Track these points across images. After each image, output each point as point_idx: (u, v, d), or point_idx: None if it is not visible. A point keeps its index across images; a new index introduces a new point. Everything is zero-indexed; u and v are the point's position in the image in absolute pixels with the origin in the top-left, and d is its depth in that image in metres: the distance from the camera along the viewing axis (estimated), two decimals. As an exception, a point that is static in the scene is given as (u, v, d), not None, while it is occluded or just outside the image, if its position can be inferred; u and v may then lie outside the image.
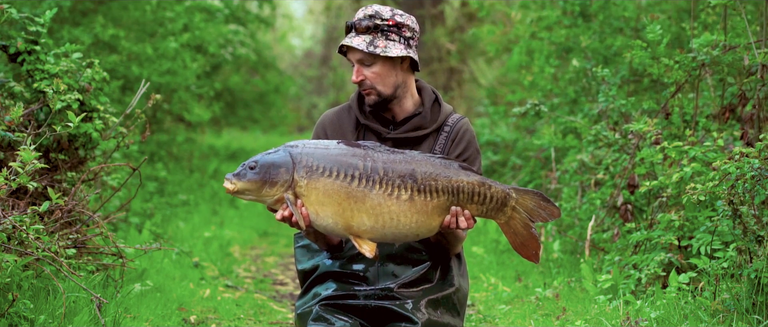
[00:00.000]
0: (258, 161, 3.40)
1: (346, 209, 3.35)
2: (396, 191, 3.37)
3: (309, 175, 3.36)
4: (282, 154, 3.40)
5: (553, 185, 8.11)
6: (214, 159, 14.75)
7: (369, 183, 3.36)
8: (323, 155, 3.39)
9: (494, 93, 12.82)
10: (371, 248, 3.38)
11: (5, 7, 4.82)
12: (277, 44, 25.58)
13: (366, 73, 3.55)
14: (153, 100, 5.39)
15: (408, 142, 3.64)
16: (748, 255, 4.43)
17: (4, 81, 4.95)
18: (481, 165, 3.75)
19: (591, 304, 5.27)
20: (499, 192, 3.45)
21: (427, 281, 3.66)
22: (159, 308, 5.02)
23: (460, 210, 3.43)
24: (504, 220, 3.49)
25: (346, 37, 3.56)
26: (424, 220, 3.40)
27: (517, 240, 3.51)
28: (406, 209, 3.37)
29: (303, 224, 3.38)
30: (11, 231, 4.08)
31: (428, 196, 3.39)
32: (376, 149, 3.45)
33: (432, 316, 3.63)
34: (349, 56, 3.59)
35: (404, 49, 3.55)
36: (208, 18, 11.87)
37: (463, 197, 3.43)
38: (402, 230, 3.39)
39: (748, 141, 5.39)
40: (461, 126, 3.68)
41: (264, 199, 3.41)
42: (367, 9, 3.57)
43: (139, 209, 8.23)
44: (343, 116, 3.72)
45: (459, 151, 3.65)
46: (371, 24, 3.53)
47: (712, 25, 6.79)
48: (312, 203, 3.37)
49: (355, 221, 3.36)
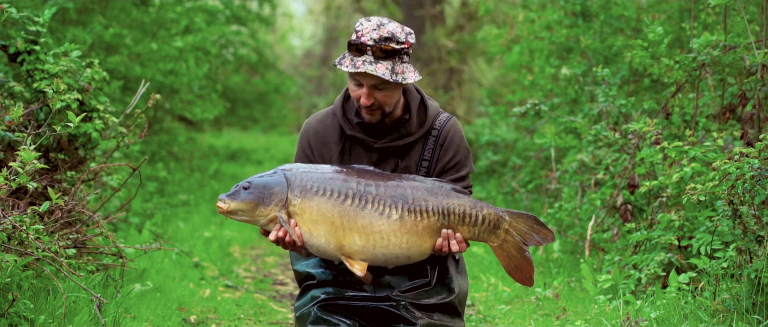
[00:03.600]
0: (252, 182, 3.39)
1: (339, 228, 3.35)
2: (387, 210, 3.35)
3: (303, 194, 3.36)
4: (276, 175, 3.40)
5: (553, 185, 8.11)
6: (215, 159, 14.76)
7: (362, 202, 3.35)
8: (317, 176, 3.38)
9: (494, 93, 12.82)
10: (362, 268, 3.37)
11: (5, 7, 4.81)
12: (277, 44, 25.57)
13: (377, 96, 3.46)
14: (153, 100, 5.38)
15: (396, 150, 3.59)
16: (748, 255, 4.43)
17: (4, 81, 4.95)
18: (473, 162, 3.72)
19: (591, 304, 5.26)
20: (491, 214, 3.44)
21: (425, 284, 3.65)
22: (159, 308, 5.02)
23: (451, 232, 3.41)
24: (497, 243, 3.47)
25: (358, 58, 3.41)
26: (414, 241, 3.38)
27: (510, 263, 3.49)
28: (397, 229, 3.36)
29: (299, 242, 3.37)
30: (11, 231, 4.08)
31: (418, 216, 3.38)
32: (369, 171, 3.43)
33: (431, 319, 3.63)
34: (358, 77, 3.46)
35: (413, 70, 3.48)
36: (210, 19, 11.87)
37: (454, 219, 3.41)
38: (392, 251, 3.38)
39: (748, 141, 5.39)
40: (448, 129, 3.62)
41: (257, 219, 3.39)
42: (381, 30, 3.41)
43: (139, 209, 8.23)
44: (327, 124, 3.64)
45: (448, 157, 3.61)
46: (389, 48, 3.40)
47: (712, 26, 6.79)
48: (305, 222, 3.37)
49: (347, 241, 3.35)
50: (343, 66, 3.42)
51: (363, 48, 3.40)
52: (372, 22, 3.43)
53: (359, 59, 3.41)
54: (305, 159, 3.65)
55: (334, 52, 24.20)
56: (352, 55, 3.42)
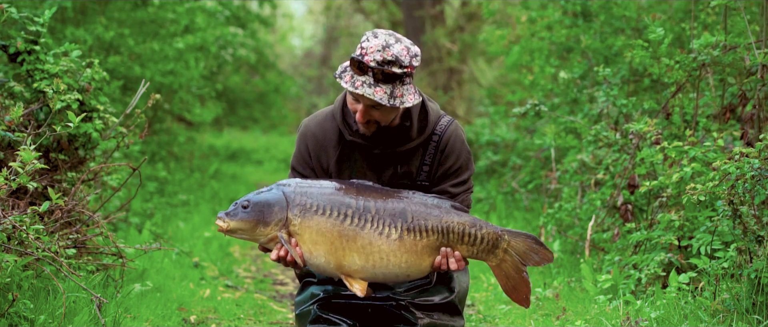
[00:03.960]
0: (250, 200, 3.37)
1: (338, 248, 3.34)
2: (386, 230, 3.34)
3: (303, 214, 3.34)
4: (275, 192, 3.38)
5: (553, 185, 8.11)
6: (215, 159, 14.75)
7: (361, 221, 3.33)
8: (316, 194, 3.36)
9: (494, 93, 12.81)
10: (362, 287, 3.36)
11: (5, 7, 4.81)
12: (277, 44, 25.57)
13: (374, 114, 3.44)
14: (153, 100, 5.38)
15: (396, 156, 3.57)
16: (748, 255, 4.43)
17: (4, 81, 4.95)
18: (473, 163, 3.71)
19: (591, 304, 5.26)
20: (491, 233, 3.42)
21: (426, 283, 3.65)
22: (159, 308, 5.02)
23: (450, 251, 3.39)
24: (495, 262, 3.45)
25: (358, 77, 3.36)
26: (414, 261, 3.37)
27: (508, 283, 3.47)
28: (396, 248, 3.35)
29: (300, 262, 3.36)
30: (11, 231, 4.08)
31: (418, 236, 3.36)
32: (368, 187, 3.41)
33: (432, 319, 3.63)
34: (356, 95, 3.41)
35: (414, 92, 3.43)
36: (210, 20, 11.88)
37: (454, 237, 3.40)
38: (392, 270, 3.37)
39: (748, 141, 5.39)
40: (449, 135, 3.59)
41: (257, 238, 3.38)
42: (385, 53, 3.34)
43: (139, 209, 8.23)
44: (326, 128, 3.60)
45: (449, 163, 3.58)
46: (390, 72, 3.34)
47: (712, 26, 6.79)
48: (305, 242, 3.35)
49: (347, 260, 3.34)
50: (342, 81, 3.38)
51: (364, 68, 3.34)
52: (378, 41, 3.36)
53: (359, 79, 3.36)
54: (303, 162, 3.62)
55: (334, 52, 24.18)
56: (353, 72, 3.37)
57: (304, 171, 3.62)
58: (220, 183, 12.52)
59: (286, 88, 16.02)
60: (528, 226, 8.11)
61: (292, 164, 3.66)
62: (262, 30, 16.57)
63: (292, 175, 3.65)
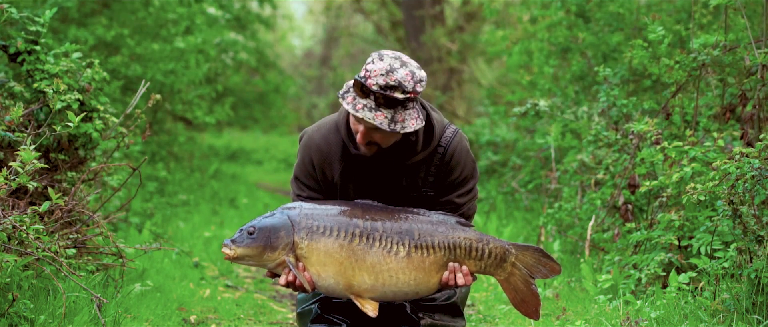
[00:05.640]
0: (256, 226, 3.36)
1: (347, 268, 3.33)
2: (394, 248, 3.33)
3: (310, 236, 3.33)
4: (280, 217, 3.37)
5: (553, 185, 8.11)
6: (215, 159, 14.76)
7: (369, 241, 3.33)
8: (322, 215, 3.35)
9: (494, 93, 12.81)
10: (374, 307, 3.36)
11: (5, 7, 4.82)
12: (277, 44, 25.57)
13: (375, 136, 3.41)
14: (153, 100, 5.38)
15: (401, 169, 3.55)
16: (748, 255, 4.43)
17: (4, 81, 4.95)
18: (478, 173, 3.69)
19: (591, 304, 5.26)
20: (498, 248, 3.43)
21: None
22: (159, 308, 5.02)
23: (458, 266, 3.40)
24: (504, 276, 3.46)
25: (360, 100, 3.32)
26: (422, 277, 3.37)
27: (517, 297, 3.48)
28: (405, 266, 3.35)
29: (309, 287, 3.35)
30: (11, 231, 4.08)
31: (425, 252, 3.36)
32: (373, 207, 3.40)
33: (433, 320, 3.63)
34: (356, 117, 3.38)
35: (417, 116, 3.39)
36: (210, 22, 11.89)
37: (461, 253, 3.41)
38: (401, 288, 3.36)
39: (748, 141, 5.39)
40: (454, 147, 3.56)
41: (265, 263, 3.37)
42: (388, 77, 3.29)
43: (139, 209, 8.23)
44: (330, 140, 3.57)
45: (455, 175, 3.57)
46: (392, 97, 3.29)
47: (708, 26, 6.79)
48: (313, 264, 3.34)
49: (356, 280, 3.34)
50: (345, 101, 3.35)
51: (367, 91, 3.31)
52: (383, 64, 3.31)
53: (361, 101, 3.32)
54: (307, 173, 3.60)
55: (334, 52, 24.18)
56: (356, 93, 3.34)
57: (307, 182, 3.60)
58: (220, 183, 12.53)
59: (286, 88, 16.02)
60: (528, 226, 8.12)
61: (295, 174, 3.64)
62: (262, 30, 16.58)
63: (295, 184, 3.64)
